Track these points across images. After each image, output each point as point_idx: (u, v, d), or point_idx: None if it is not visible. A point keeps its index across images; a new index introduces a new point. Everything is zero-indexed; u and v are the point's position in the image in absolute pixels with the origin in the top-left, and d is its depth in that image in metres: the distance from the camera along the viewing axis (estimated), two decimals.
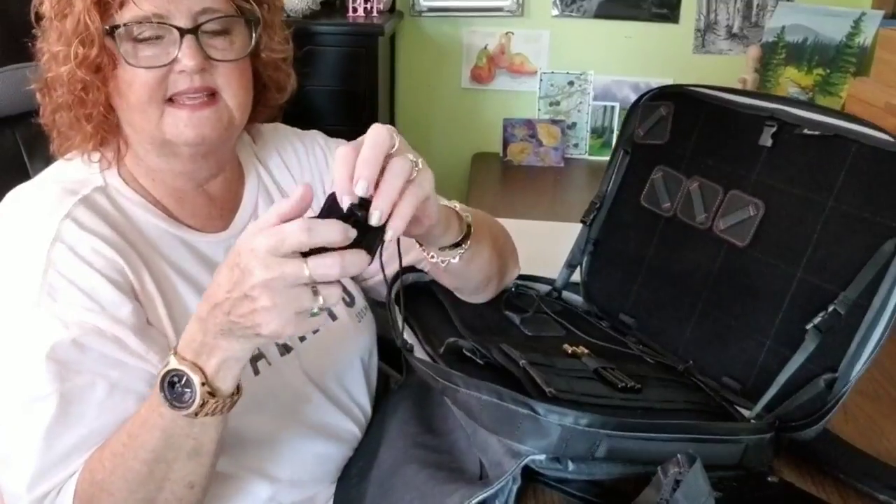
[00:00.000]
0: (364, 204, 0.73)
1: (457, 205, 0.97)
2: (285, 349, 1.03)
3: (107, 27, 0.90)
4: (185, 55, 0.91)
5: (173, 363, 0.79)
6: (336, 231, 0.70)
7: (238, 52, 0.97)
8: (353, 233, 0.71)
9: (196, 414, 0.80)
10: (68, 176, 0.99)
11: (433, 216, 0.84)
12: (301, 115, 2.32)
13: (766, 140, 0.99)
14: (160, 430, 0.82)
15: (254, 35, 0.98)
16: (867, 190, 0.89)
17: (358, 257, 0.71)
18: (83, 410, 0.87)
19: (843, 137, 0.92)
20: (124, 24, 0.90)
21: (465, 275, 1.02)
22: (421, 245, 0.95)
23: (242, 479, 1.00)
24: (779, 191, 0.97)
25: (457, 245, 0.94)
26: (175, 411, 0.80)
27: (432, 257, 0.95)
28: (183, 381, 0.79)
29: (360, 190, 0.73)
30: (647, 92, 1.15)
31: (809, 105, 0.99)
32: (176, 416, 0.80)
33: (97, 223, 0.93)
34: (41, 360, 0.86)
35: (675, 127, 1.12)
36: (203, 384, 0.79)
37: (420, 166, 0.78)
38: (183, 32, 0.90)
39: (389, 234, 0.75)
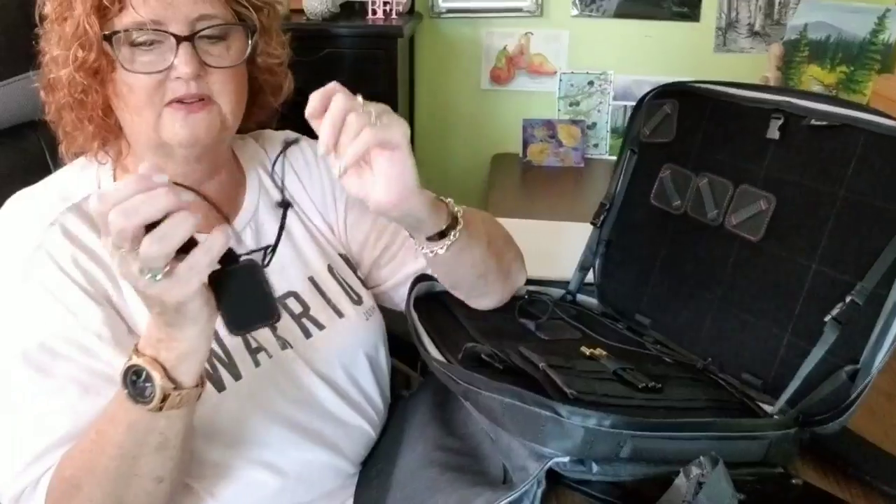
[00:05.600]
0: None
1: (451, 201, 0.98)
2: (286, 344, 1.03)
3: (105, 32, 0.92)
4: (181, 62, 0.92)
5: (132, 360, 0.81)
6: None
7: (234, 58, 0.98)
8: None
9: (160, 408, 0.81)
10: (64, 182, 1.02)
11: (407, 179, 0.86)
12: None
13: (774, 133, 0.99)
14: (125, 425, 0.83)
15: (250, 42, 1.00)
16: (878, 178, 0.89)
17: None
18: (57, 412, 0.89)
19: (851, 127, 0.91)
20: (124, 30, 0.92)
21: (455, 268, 1.02)
22: (412, 236, 0.97)
23: (246, 472, 1.00)
24: (789, 183, 0.96)
25: (443, 235, 0.95)
26: (139, 406, 0.81)
27: (422, 248, 0.97)
28: (143, 377, 0.81)
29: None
30: (651, 90, 1.15)
31: (815, 95, 0.98)
32: (140, 410, 0.82)
33: (83, 231, 0.96)
34: (14, 363, 0.90)
35: (681, 124, 1.11)
36: (164, 377, 0.80)
37: (377, 119, 0.83)
38: (179, 39, 0.92)
39: (337, 166, 0.81)
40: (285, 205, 0.86)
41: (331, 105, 0.81)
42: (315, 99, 0.82)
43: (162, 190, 0.70)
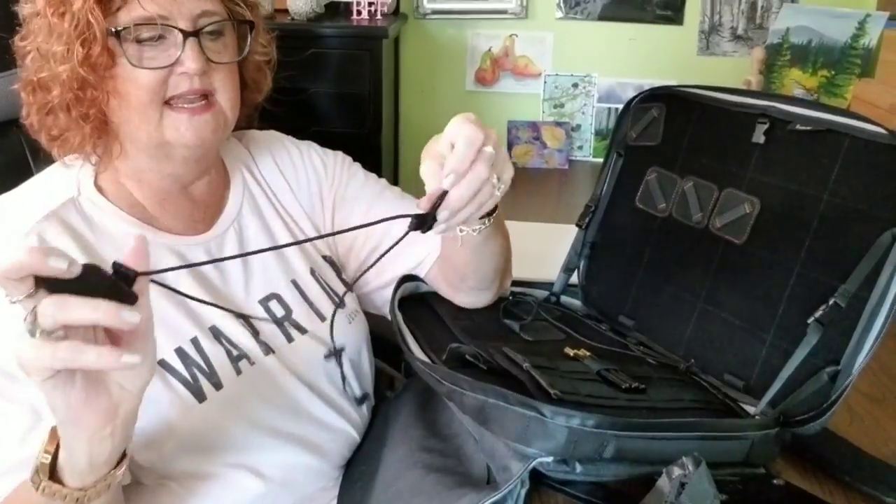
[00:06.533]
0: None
1: None
2: (268, 349, 1.03)
3: (111, 28, 0.90)
4: (189, 57, 0.92)
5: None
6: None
7: (231, 54, 0.99)
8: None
9: (35, 487, 0.73)
10: (41, 188, 1.00)
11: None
12: (305, 117, 2.33)
13: (759, 137, 1.00)
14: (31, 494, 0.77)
15: (249, 38, 1.00)
16: (862, 183, 0.90)
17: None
18: (6, 439, 0.86)
19: (835, 132, 0.93)
20: (134, 25, 0.90)
21: (479, 255, 1.02)
22: None
23: (228, 476, 0.99)
24: (774, 187, 0.97)
25: (480, 218, 0.93)
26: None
27: (462, 232, 0.96)
28: (45, 444, 0.75)
29: (448, 183, 0.78)
30: (639, 94, 1.16)
31: (800, 101, 1.00)
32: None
33: (62, 242, 0.93)
34: None
35: (668, 128, 1.12)
36: (46, 461, 0.73)
37: (500, 184, 0.83)
38: (186, 35, 0.92)
39: (441, 228, 0.80)
40: None
41: (472, 178, 0.79)
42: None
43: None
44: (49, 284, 0.62)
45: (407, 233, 0.80)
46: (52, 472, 0.74)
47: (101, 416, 0.70)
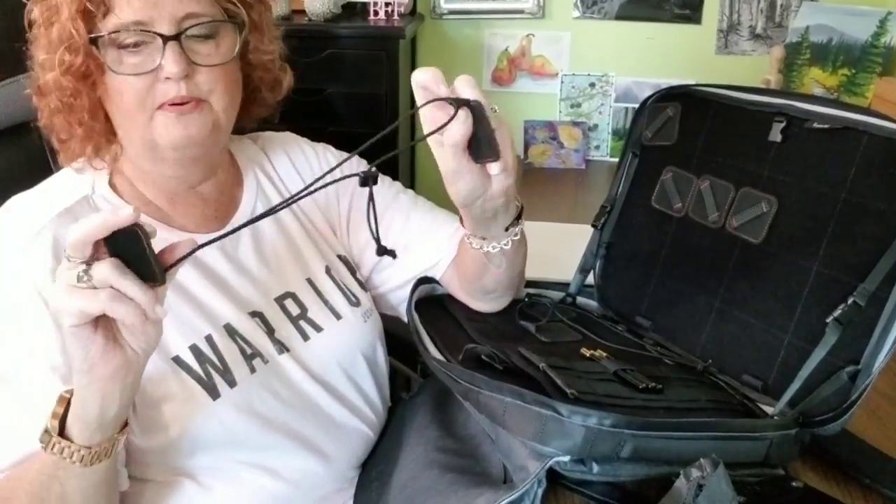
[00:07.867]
0: None
1: None
2: (283, 348, 1.03)
3: (91, 36, 0.91)
4: (169, 61, 0.92)
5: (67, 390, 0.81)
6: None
7: (224, 56, 0.98)
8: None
9: (45, 446, 0.80)
10: (58, 185, 1.01)
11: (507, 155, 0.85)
12: (322, 118, 2.33)
13: (776, 136, 0.99)
14: (39, 462, 0.83)
15: (239, 39, 0.99)
16: (880, 181, 0.89)
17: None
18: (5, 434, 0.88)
19: (853, 129, 0.92)
20: (109, 33, 0.91)
21: (509, 269, 1.02)
22: (483, 238, 0.97)
23: (243, 475, 0.99)
24: (791, 186, 0.97)
25: (512, 224, 0.95)
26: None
27: (493, 248, 0.97)
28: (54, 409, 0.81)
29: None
30: (654, 93, 1.15)
31: (817, 99, 0.99)
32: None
33: None
34: None
35: (683, 127, 1.11)
36: (58, 417, 0.80)
37: None
38: (166, 39, 0.91)
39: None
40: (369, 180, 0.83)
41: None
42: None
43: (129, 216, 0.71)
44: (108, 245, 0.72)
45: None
46: (62, 432, 0.81)
47: (113, 371, 0.76)
